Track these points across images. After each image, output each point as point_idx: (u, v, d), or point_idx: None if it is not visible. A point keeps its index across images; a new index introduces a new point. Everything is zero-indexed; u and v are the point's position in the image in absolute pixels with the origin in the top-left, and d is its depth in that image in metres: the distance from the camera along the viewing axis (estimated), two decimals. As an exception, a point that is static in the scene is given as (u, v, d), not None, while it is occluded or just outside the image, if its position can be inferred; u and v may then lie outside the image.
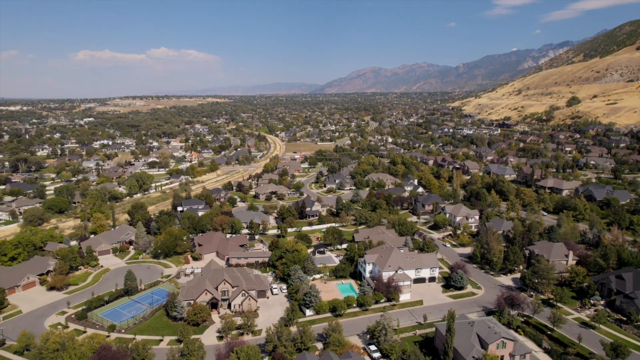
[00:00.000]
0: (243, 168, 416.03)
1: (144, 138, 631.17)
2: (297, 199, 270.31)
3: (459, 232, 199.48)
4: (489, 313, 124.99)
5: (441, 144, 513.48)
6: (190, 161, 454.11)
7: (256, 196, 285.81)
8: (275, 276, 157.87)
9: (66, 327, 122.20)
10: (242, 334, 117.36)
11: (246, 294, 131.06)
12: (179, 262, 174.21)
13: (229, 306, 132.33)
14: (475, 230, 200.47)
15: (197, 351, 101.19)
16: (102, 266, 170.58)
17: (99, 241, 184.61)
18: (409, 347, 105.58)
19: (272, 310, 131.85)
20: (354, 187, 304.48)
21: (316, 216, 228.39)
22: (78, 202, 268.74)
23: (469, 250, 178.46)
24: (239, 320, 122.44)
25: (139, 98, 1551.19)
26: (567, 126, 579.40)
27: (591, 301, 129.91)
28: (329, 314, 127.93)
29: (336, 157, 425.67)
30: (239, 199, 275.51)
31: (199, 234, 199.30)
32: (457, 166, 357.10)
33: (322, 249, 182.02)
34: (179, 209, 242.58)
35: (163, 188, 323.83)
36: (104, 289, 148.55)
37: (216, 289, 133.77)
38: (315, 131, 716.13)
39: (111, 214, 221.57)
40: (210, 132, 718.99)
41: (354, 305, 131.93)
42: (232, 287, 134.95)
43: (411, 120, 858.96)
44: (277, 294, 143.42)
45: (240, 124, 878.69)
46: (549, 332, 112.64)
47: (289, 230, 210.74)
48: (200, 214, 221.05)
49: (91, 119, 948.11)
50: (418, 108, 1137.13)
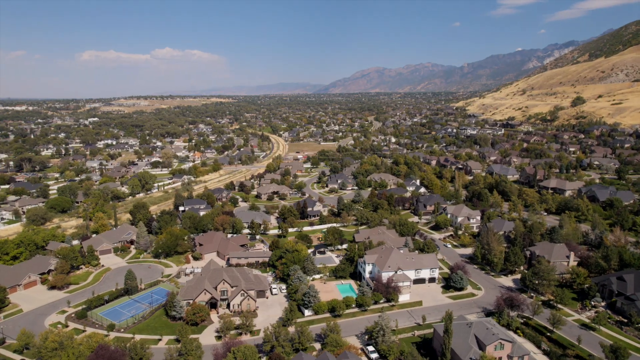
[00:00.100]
0: (246, 168, 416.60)
1: (147, 138, 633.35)
2: (299, 199, 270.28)
3: (460, 232, 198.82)
4: (488, 314, 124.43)
5: (444, 144, 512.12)
6: (193, 161, 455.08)
7: (258, 196, 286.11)
8: (275, 276, 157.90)
9: (66, 326, 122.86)
10: (240, 333, 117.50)
11: (245, 294, 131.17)
12: (179, 261, 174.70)
13: (227, 306, 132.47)
14: (477, 230, 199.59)
15: (194, 351, 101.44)
16: (103, 265, 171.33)
17: (100, 241, 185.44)
18: (407, 348, 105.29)
19: (271, 311, 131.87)
20: (356, 187, 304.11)
21: (317, 216, 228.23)
22: (81, 202, 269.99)
23: (469, 250, 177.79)
24: (237, 320, 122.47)
25: (143, 98, 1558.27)
26: (571, 126, 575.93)
27: (592, 303, 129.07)
28: (327, 315, 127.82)
29: (339, 157, 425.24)
30: (240, 199, 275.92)
31: (200, 234, 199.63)
32: (460, 166, 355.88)
33: (322, 249, 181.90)
34: (180, 208, 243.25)
35: (165, 188, 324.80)
36: (104, 288, 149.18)
37: (215, 288, 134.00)
38: (319, 131, 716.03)
39: (113, 213, 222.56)
40: (214, 132, 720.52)
41: (352, 306, 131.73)
42: (231, 287, 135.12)
43: (415, 120, 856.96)
44: (276, 294, 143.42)
45: (244, 124, 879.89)
46: (548, 334, 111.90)
47: (290, 230, 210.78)
48: (201, 213, 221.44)
49: (96, 118, 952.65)
50: (422, 108, 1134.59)
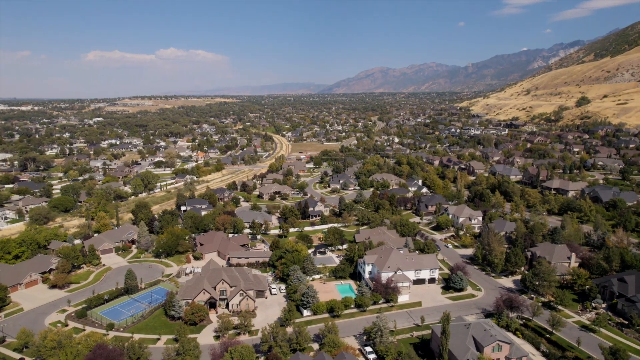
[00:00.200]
0: (248, 168, 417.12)
1: (151, 138, 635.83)
2: (301, 199, 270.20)
3: (461, 233, 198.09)
4: (487, 315, 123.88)
5: (448, 145, 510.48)
6: (197, 161, 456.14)
7: (260, 196, 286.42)
8: (274, 276, 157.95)
9: (66, 325, 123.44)
10: (238, 333, 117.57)
11: (244, 294, 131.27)
12: (180, 261, 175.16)
13: (227, 306, 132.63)
14: (478, 231, 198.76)
15: (192, 350, 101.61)
16: (104, 265, 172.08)
17: (101, 240, 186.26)
18: (405, 349, 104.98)
19: (270, 311, 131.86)
20: (358, 188, 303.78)
21: (319, 216, 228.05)
22: (83, 201, 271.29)
23: (470, 251, 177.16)
24: (236, 320, 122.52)
25: (147, 98, 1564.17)
26: (576, 126, 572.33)
27: (592, 304, 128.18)
28: (326, 315, 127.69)
29: (341, 157, 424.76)
30: (242, 199, 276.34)
31: (201, 234, 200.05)
32: (463, 167, 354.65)
33: (322, 249, 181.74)
34: (182, 208, 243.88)
35: (168, 187, 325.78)
36: (105, 287, 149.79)
37: (214, 288, 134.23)
38: (322, 131, 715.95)
39: (115, 213, 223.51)
40: (218, 132, 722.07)
41: (351, 306, 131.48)
42: (230, 287, 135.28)
43: (418, 120, 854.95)
44: (275, 294, 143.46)
45: (248, 124, 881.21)
46: (547, 335, 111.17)
47: (291, 230, 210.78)
48: (203, 213, 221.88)
49: (100, 118, 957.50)
50: (426, 108, 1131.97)
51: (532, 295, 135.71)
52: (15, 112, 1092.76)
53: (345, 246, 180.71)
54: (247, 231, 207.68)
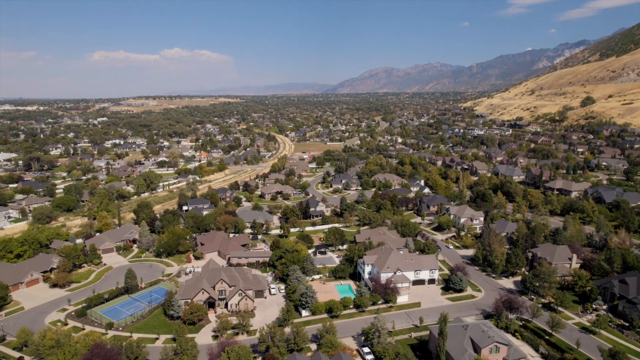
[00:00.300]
0: (251, 168, 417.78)
1: (155, 138, 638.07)
2: (303, 199, 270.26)
3: (462, 233, 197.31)
4: (487, 316, 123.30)
5: (451, 145, 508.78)
6: (200, 161, 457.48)
7: (262, 196, 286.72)
8: (274, 276, 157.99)
9: (65, 324, 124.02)
10: (237, 333, 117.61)
11: (243, 294, 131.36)
12: (181, 261, 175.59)
13: (225, 306, 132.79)
14: (479, 232, 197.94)
15: (190, 350, 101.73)
16: (105, 264, 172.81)
17: (103, 239, 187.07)
18: (402, 350, 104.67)
19: (269, 311, 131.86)
20: (360, 188, 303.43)
21: (320, 216, 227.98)
22: (86, 201, 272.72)
23: (471, 252, 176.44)
24: (234, 320, 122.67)
25: (152, 98, 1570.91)
26: (580, 127, 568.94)
27: (593, 306, 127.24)
28: (325, 315, 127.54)
29: (344, 158, 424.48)
30: (244, 199, 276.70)
31: (202, 233, 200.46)
32: (465, 167, 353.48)
33: (323, 250, 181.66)
34: (184, 208, 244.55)
35: (170, 187, 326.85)
36: (105, 287, 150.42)
37: (213, 288, 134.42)
38: (325, 131, 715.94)
39: (117, 212, 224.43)
40: (221, 132, 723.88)
41: (350, 307, 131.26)
42: (229, 287, 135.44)
43: (422, 120, 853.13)
44: (275, 294, 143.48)
45: (251, 124, 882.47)
46: (547, 337, 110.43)
47: (292, 230, 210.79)
48: (205, 213, 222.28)
49: (104, 118, 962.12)
50: (430, 108, 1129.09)
51: (532, 297, 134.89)
52: (21, 112, 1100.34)
53: (345, 246, 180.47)
54: (248, 231, 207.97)
